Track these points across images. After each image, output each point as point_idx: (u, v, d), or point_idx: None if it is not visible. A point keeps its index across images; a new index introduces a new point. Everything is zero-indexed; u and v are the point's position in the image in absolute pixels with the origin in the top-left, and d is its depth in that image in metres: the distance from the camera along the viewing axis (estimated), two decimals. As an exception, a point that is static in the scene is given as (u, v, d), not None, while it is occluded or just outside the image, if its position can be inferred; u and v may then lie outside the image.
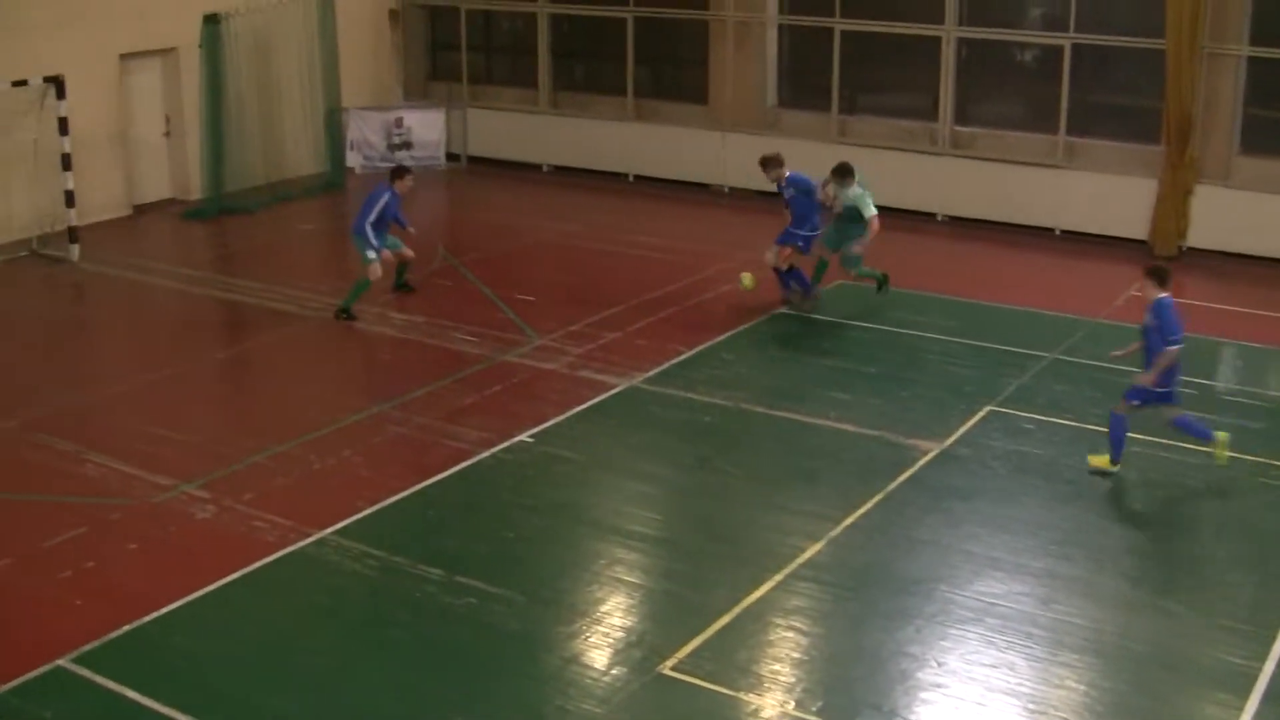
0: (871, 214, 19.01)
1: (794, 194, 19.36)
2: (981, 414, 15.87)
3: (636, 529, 13.36)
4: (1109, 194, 23.25)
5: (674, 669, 10.95)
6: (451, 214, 26.95)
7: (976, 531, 13.14)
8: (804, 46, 26.94)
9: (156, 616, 11.79)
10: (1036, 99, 24.69)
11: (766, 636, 11.47)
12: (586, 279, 21.46)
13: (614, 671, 10.97)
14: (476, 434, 15.47)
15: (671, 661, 11.04)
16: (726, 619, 11.65)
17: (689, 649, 11.20)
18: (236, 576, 12.47)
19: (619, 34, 28.15)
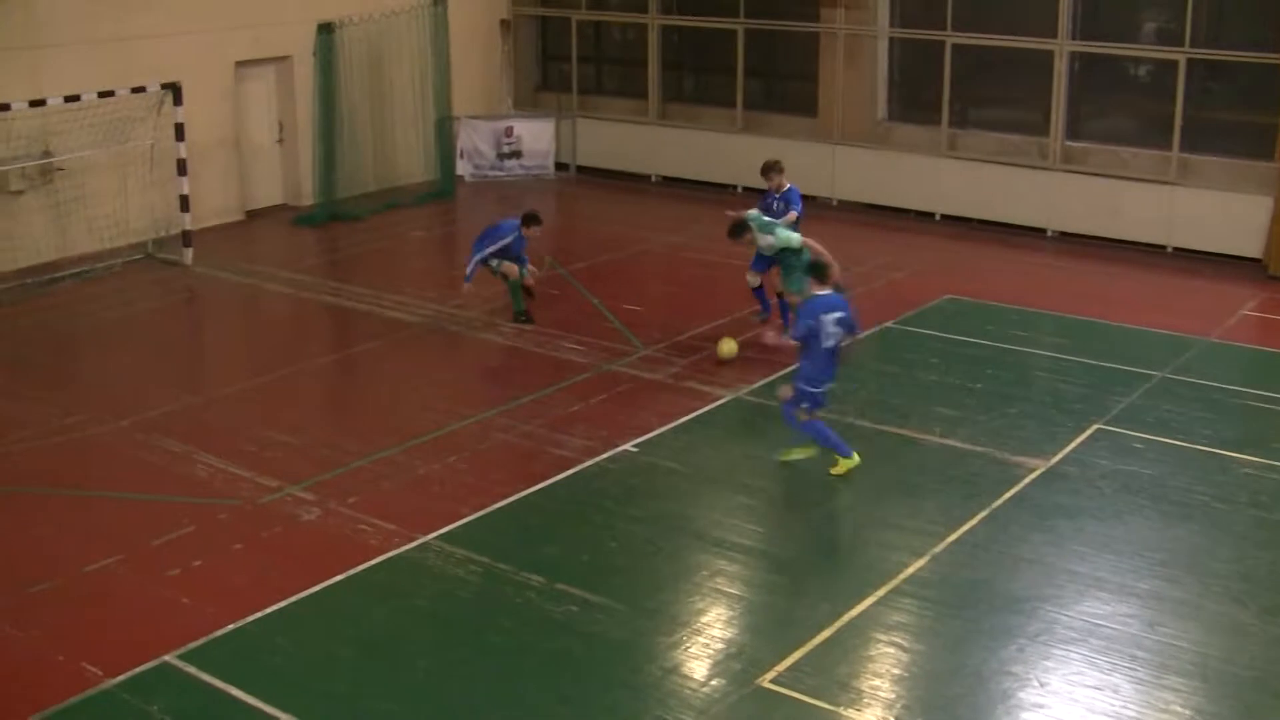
0: (796, 240, 18.07)
1: (784, 209, 19.18)
2: (1089, 432, 15.68)
3: (739, 540, 13.33)
4: (1222, 211, 22.91)
5: (773, 682, 10.90)
6: (560, 223, 27.03)
7: (1082, 551, 12.97)
8: (915, 60, 26.82)
9: (260, 616, 11.91)
10: (1149, 114, 24.43)
11: (867, 652, 11.39)
12: (693, 290, 21.46)
13: (713, 683, 10.95)
14: (581, 442, 15.51)
15: (771, 674, 10.99)
16: (827, 633, 11.58)
17: (789, 662, 11.15)
18: (340, 579, 12.57)
19: (729, 46, 28.14)
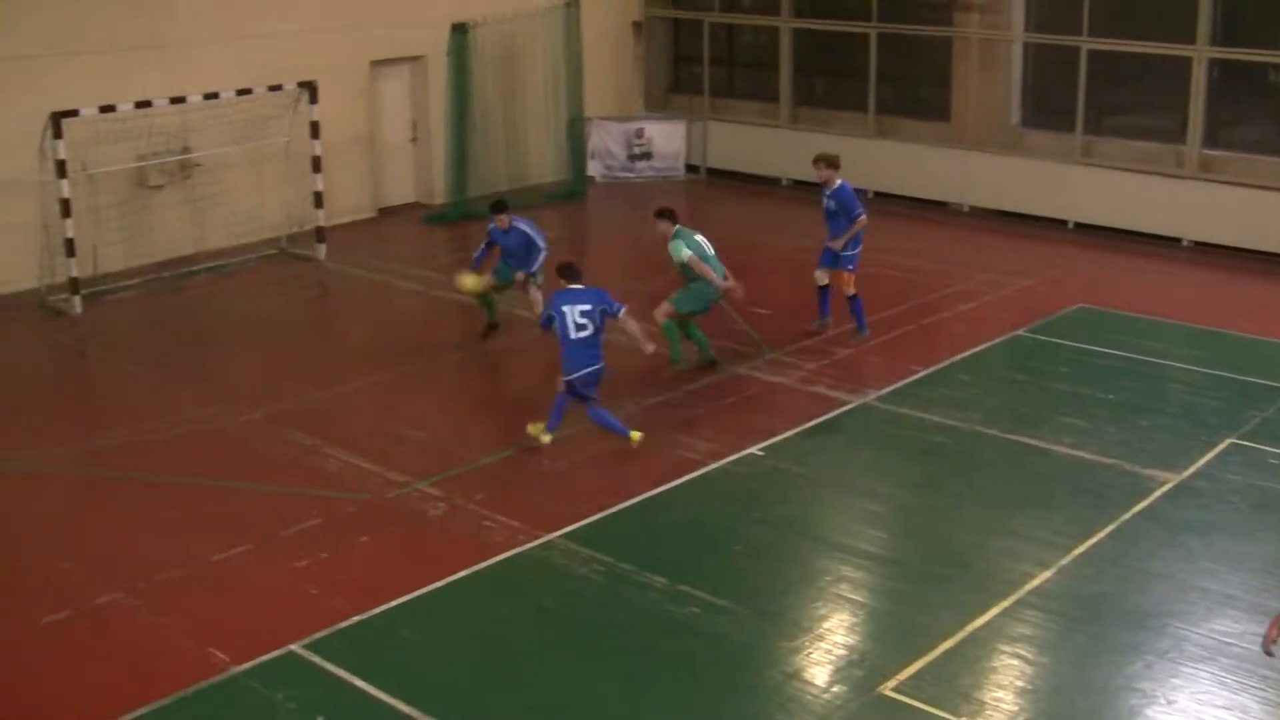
0: (683, 257, 17.84)
1: (834, 208, 18.88)
2: (1222, 446, 15.38)
3: (863, 547, 13.26)
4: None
5: (895, 690, 10.82)
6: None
7: (1213, 567, 12.73)
8: (1049, 65, 26.45)
9: (385, 609, 12.03)
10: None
11: (990, 663, 11.26)
12: (821, 294, 21.37)
13: (834, 689, 10.89)
14: (707, 445, 15.49)
15: (893, 682, 10.91)
16: (950, 643, 11.48)
17: (911, 671, 11.06)
18: (464, 574, 12.66)
19: (862, 49, 27.99)
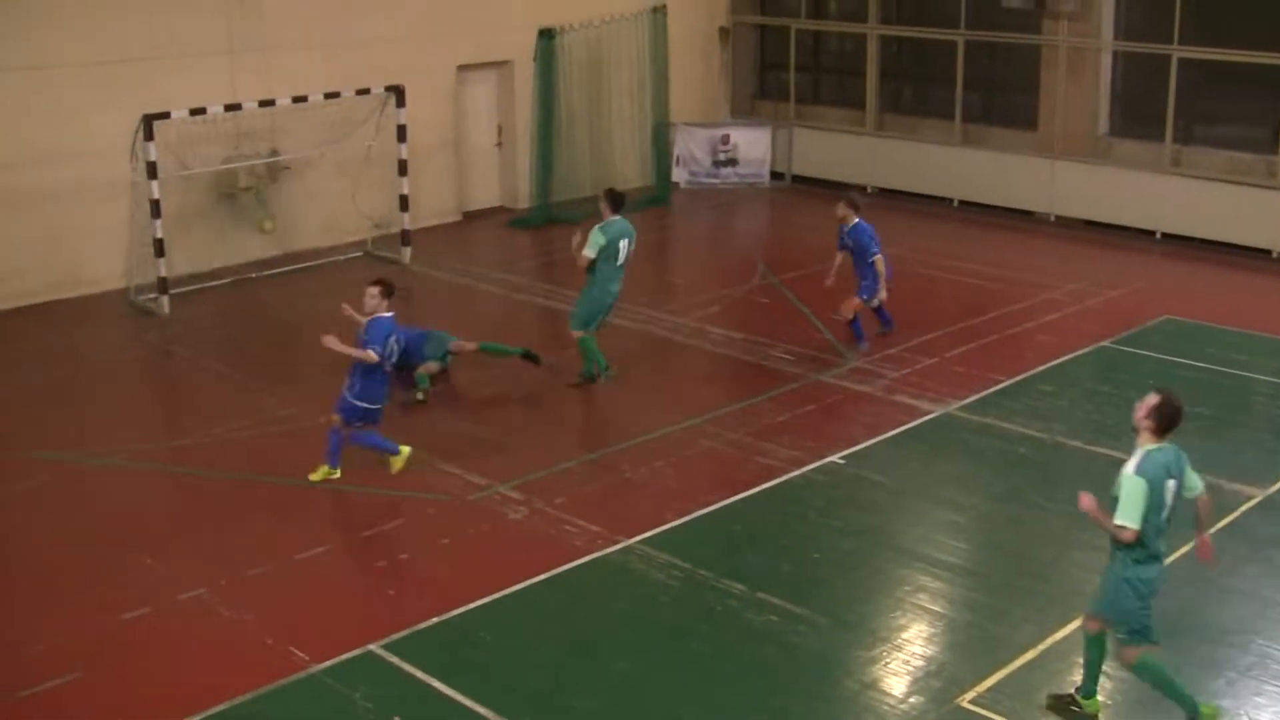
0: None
1: (852, 246, 18.67)
2: (1311, 462, 15.22)
3: (943, 557, 13.18)
4: None
5: (972, 702, 10.76)
6: (773, 232, 27.08)
7: (1298, 584, 12.60)
8: (1138, 73, 26.20)
9: (464, 611, 12.09)
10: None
11: (1070, 677, 11.12)
12: (905, 302, 21.17)
13: (912, 700, 10.84)
14: (787, 452, 15.46)
15: (971, 695, 10.85)
16: (1030, 655, 11.40)
17: (989, 683, 10.99)
18: (543, 578, 12.71)
19: (949, 57, 27.85)
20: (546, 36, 25.76)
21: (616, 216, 17.35)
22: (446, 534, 13.63)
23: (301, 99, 22.15)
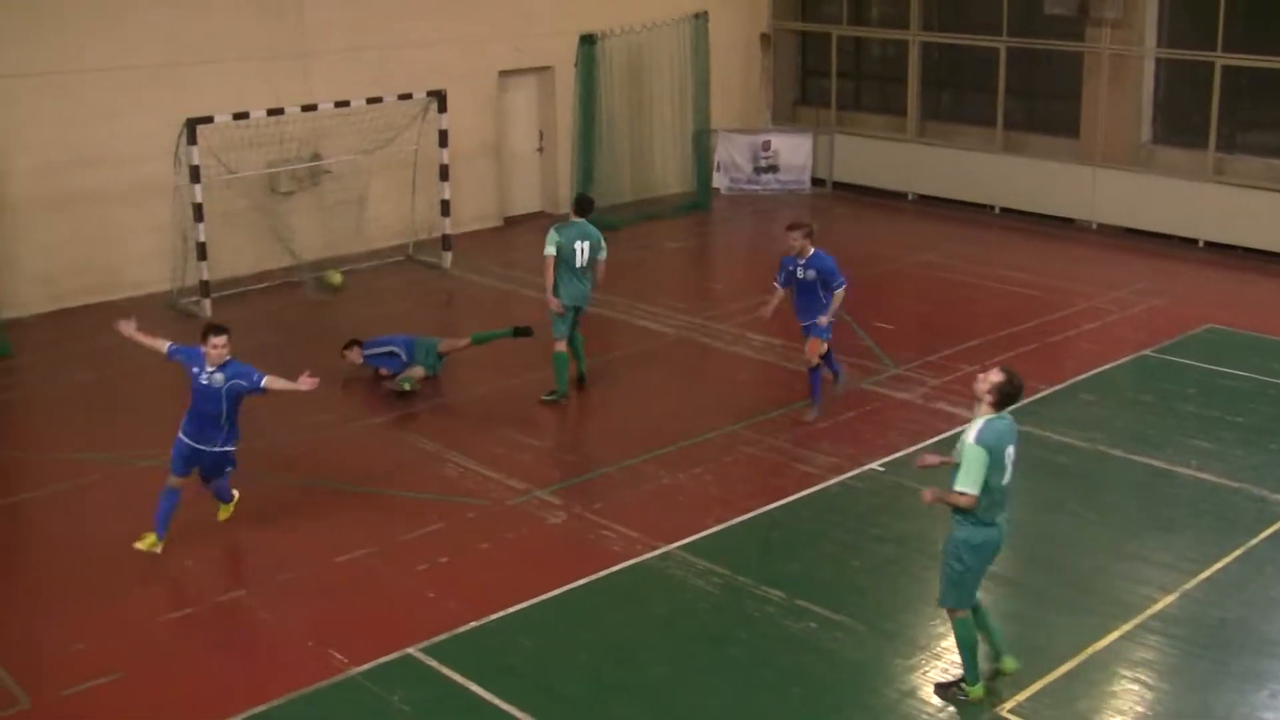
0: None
1: (813, 278, 16.59)
2: (1357, 472, 15.10)
3: (983, 565, 13.11)
4: None
5: (1012, 711, 10.71)
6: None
7: (1344, 595, 12.51)
8: (1181, 81, 26.02)
9: (503, 615, 12.10)
10: None
11: (1110, 687, 11.10)
12: (946, 310, 21.20)
13: (950, 709, 10.79)
14: (827, 459, 15.43)
15: (1010, 704, 10.79)
16: (1070, 665, 11.33)
17: (1029, 693, 10.93)
18: (582, 583, 12.72)
19: (991, 64, 27.75)
20: (588, 42, 25.81)
21: (579, 220, 17.32)
22: (486, 538, 13.65)
23: (344, 104, 22.23)
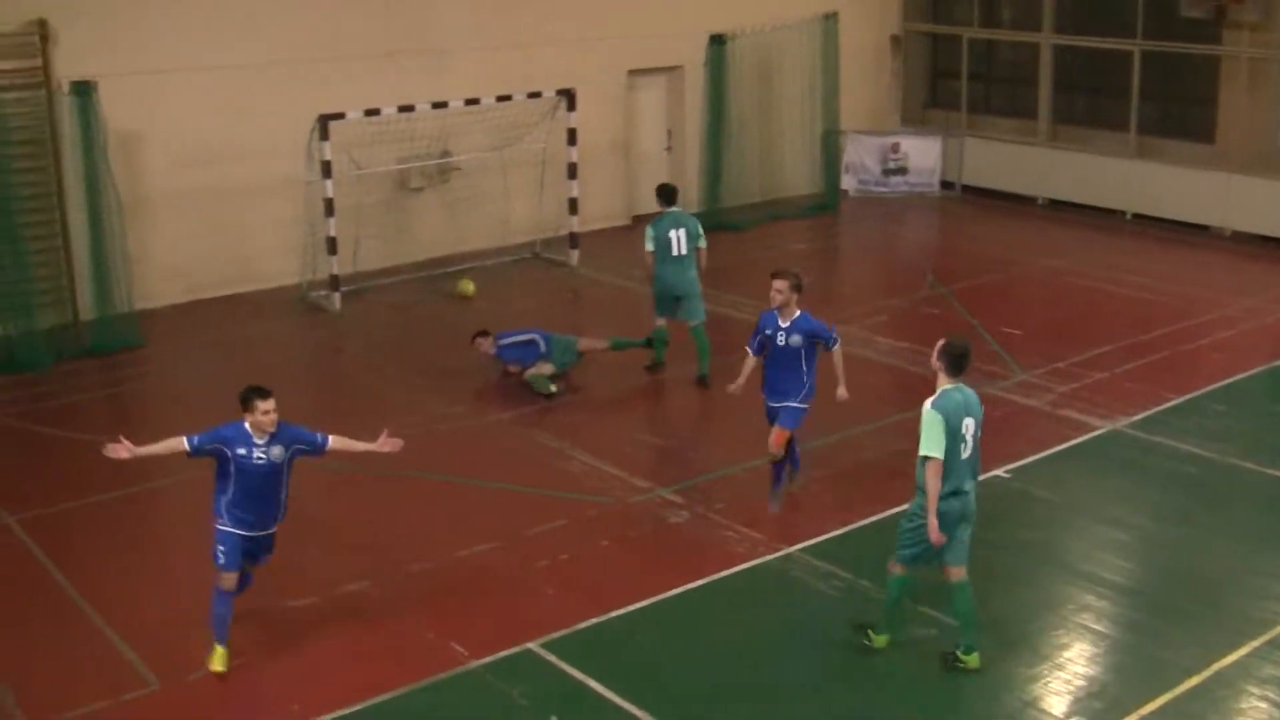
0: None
1: (798, 343, 14.01)
2: None
3: (1107, 576, 12.96)
4: None
5: (1134, 726, 10.62)
6: (942, 242, 26.84)
7: None
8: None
9: (623, 613, 12.17)
10: None
11: (1236, 704, 10.92)
12: (1075, 316, 20.95)
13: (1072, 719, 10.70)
14: (951, 464, 15.30)
15: (1133, 717, 10.67)
16: (1195, 680, 11.17)
17: (1152, 706, 10.80)
18: (703, 583, 12.75)
19: (1124, 67, 27.39)
20: (718, 42, 25.84)
21: (671, 209, 17.74)
22: (607, 536, 13.72)
23: (474, 101, 22.41)
